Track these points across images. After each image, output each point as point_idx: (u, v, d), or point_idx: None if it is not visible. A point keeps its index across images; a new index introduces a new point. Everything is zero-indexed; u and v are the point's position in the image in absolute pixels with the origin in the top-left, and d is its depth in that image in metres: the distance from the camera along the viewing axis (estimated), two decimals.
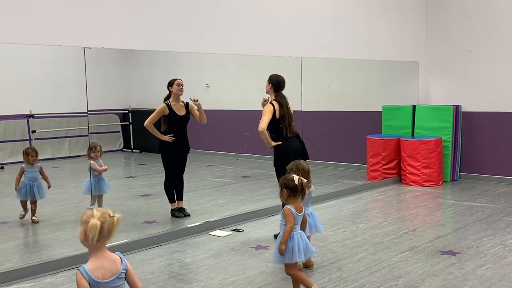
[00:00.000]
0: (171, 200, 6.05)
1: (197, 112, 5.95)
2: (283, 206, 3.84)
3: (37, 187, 5.77)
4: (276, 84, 5.19)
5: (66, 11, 4.76)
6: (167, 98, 5.87)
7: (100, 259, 2.44)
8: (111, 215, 2.46)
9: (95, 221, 2.40)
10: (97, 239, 2.39)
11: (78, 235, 2.47)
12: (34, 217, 5.84)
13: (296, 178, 3.65)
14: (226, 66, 9.37)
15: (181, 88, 5.82)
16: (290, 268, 3.67)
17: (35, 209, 5.86)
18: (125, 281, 2.51)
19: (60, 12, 4.73)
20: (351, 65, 8.36)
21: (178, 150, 5.90)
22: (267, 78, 5.26)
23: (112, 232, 2.45)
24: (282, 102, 5.17)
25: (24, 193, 5.74)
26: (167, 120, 5.82)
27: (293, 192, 3.64)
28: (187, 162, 6.15)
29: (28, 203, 5.86)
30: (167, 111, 5.77)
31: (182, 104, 5.89)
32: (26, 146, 5.94)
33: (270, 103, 5.17)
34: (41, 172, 5.85)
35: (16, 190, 5.76)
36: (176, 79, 5.84)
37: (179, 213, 6.03)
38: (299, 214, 3.67)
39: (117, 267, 2.48)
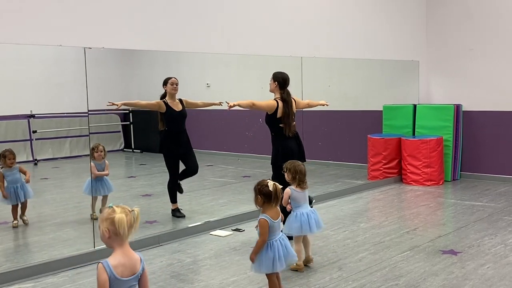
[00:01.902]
0: (173, 200, 6.05)
1: (196, 102, 6.06)
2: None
3: (21, 188, 5.65)
4: (282, 81, 5.16)
5: (66, 11, 4.77)
6: (163, 96, 5.90)
7: (123, 257, 2.46)
8: (130, 209, 2.50)
9: (120, 215, 2.42)
10: (127, 232, 2.42)
11: (100, 235, 2.48)
12: (24, 217, 5.74)
13: (270, 184, 3.57)
14: (227, 65, 9.37)
15: (175, 87, 5.84)
16: (269, 274, 3.64)
17: (24, 209, 5.74)
18: (137, 282, 2.52)
19: (60, 12, 4.73)
20: (351, 64, 8.35)
21: (178, 148, 5.90)
22: (271, 76, 5.21)
23: (134, 226, 2.48)
24: (288, 100, 5.14)
25: (9, 198, 5.60)
26: (166, 117, 5.83)
27: (267, 199, 3.56)
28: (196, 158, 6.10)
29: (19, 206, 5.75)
30: (164, 108, 5.79)
31: (177, 101, 5.91)
32: (3, 149, 5.72)
33: (275, 100, 5.14)
34: (21, 170, 5.69)
35: (3, 196, 5.56)
36: (171, 78, 5.86)
37: (179, 213, 6.04)
38: (275, 221, 3.59)
39: (137, 267, 2.50)
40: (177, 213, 6.02)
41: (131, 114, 11.22)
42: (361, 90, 9.20)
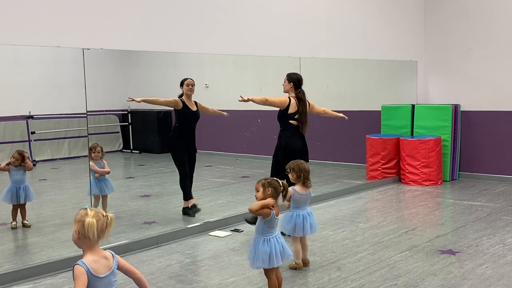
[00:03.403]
0: (186, 198, 6.07)
1: (207, 108, 6.18)
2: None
3: (23, 190, 5.66)
4: (297, 82, 5.40)
5: (65, 12, 4.76)
6: (181, 96, 6.01)
7: (93, 255, 2.50)
8: (104, 214, 2.53)
9: (90, 219, 2.45)
10: (96, 236, 2.46)
11: (71, 235, 2.52)
12: (25, 221, 5.74)
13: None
14: (225, 66, 9.37)
15: (191, 88, 5.98)
16: (268, 272, 3.66)
17: (24, 213, 5.75)
18: (117, 278, 2.56)
19: (58, 13, 4.72)
20: (350, 64, 8.36)
21: (187, 148, 5.99)
22: (285, 77, 5.41)
23: (106, 231, 2.51)
24: (303, 98, 5.36)
25: (10, 197, 5.62)
26: (180, 115, 5.95)
27: (276, 194, 3.62)
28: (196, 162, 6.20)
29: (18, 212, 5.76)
30: (180, 105, 5.90)
31: (193, 102, 6.03)
32: (18, 149, 5.79)
33: (289, 97, 5.35)
34: (25, 167, 5.69)
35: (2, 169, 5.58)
36: (187, 79, 6.00)
37: (190, 210, 6.05)
38: (277, 218, 3.64)
39: (110, 262, 2.54)
40: (190, 211, 6.05)
41: (129, 114, 11.20)
42: (360, 90, 9.20)
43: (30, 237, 5.65)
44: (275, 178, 3.70)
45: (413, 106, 8.50)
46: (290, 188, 4.31)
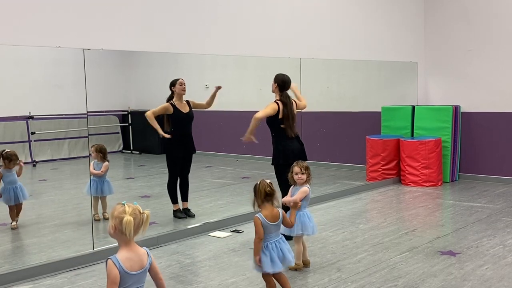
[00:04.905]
0: (174, 201, 6.06)
1: (202, 103, 6.10)
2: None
3: (19, 189, 5.67)
4: (282, 83, 5.25)
5: (65, 12, 4.76)
6: (170, 98, 5.95)
7: (129, 252, 2.53)
8: (141, 211, 2.56)
9: (128, 218, 2.49)
10: (133, 233, 2.50)
11: (108, 228, 2.57)
12: (14, 223, 5.71)
13: (265, 182, 3.61)
14: (226, 66, 9.37)
15: (183, 88, 5.92)
16: (265, 276, 3.66)
17: (19, 211, 5.74)
18: (146, 277, 2.60)
19: (59, 14, 4.72)
20: (350, 65, 8.36)
21: (183, 150, 5.95)
22: (273, 77, 5.31)
23: (142, 228, 2.55)
24: (286, 102, 5.23)
25: (8, 198, 5.62)
26: (172, 119, 5.88)
27: (265, 198, 3.57)
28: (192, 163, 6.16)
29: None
30: (171, 110, 5.84)
31: (185, 103, 5.97)
32: (5, 150, 5.73)
33: (275, 102, 5.24)
34: (18, 170, 5.71)
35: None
36: (178, 79, 5.94)
37: (181, 213, 6.04)
38: (272, 223, 3.58)
39: (144, 261, 2.57)
40: (178, 214, 6.03)
41: (129, 115, 11.20)
42: (360, 91, 9.20)
43: (29, 237, 5.65)
44: (263, 183, 3.60)
45: (413, 107, 8.50)
46: (306, 188, 4.31)
